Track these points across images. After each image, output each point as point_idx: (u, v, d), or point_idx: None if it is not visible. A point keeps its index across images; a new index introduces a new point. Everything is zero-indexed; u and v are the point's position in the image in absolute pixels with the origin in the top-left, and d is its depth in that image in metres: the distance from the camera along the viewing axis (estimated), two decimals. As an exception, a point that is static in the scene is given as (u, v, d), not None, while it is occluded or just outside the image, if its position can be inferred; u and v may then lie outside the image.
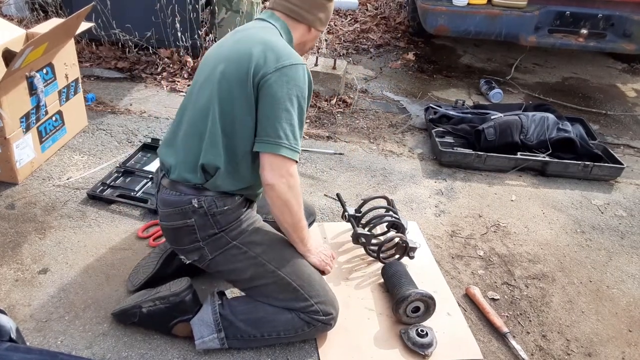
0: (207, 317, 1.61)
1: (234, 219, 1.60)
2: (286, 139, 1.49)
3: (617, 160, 2.83)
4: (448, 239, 2.29)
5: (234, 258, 1.61)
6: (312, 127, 3.06)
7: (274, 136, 1.48)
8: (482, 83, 3.75)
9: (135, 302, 1.65)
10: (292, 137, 1.50)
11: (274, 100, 1.49)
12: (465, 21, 3.43)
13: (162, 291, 1.66)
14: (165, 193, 1.60)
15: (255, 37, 1.56)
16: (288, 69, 1.49)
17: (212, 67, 1.58)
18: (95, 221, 2.14)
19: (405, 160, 2.85)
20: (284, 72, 1.49)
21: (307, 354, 1.68)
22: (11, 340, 1.25)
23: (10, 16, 3.82)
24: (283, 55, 1.51)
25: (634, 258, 2.30)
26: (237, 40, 1.59)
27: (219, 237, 1.59)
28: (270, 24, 1.63)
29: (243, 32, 1.63)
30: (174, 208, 1.58)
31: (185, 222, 1.57)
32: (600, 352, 1.83)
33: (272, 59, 1.50)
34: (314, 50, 4.03)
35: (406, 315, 1.78)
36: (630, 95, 3.99)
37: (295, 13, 1.64)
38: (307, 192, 2.48)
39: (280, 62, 1.49)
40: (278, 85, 1.49)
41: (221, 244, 1.59)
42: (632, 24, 3.39)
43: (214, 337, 1.60)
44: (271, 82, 1.48)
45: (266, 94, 1.49)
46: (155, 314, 1.63)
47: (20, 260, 1.92)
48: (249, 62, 1.50)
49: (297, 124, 1.52)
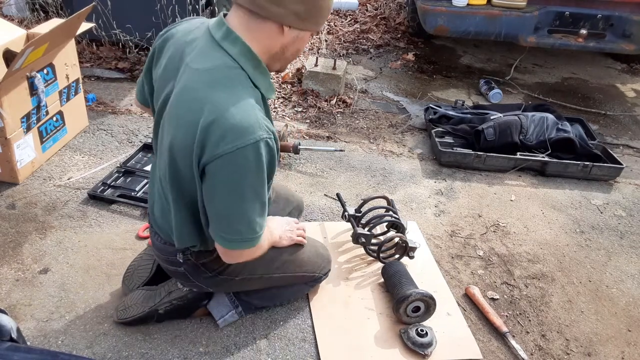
0: (222, 299, 1.72)
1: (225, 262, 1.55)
2: (240, 234, 1.30)
3: (617, 161, 2.83)
4: (448, 238, 2.30)
5: (237, 285, 1.66)
6: (312, 127, 3.06)
7: (228, 232, 1.30)
8: (482, 83, 3.76)
9: (149, 308, 1.67)
10: (248, 228, 1.30)
11: (221, 195, 1.26)
12: (465, 22, 3.43)
13: (175, 290, 1.68)
14: (154, 237, 1.58)
15: (201, 92, 1.22)
16: (232, 155, 1.18)
17: (161, 123, 1.37)
18: (96, 221, 2.14)
19: (405, 160, 2.86)
20: (228, 161, 1.19)
21: (307, 354, 1.68)
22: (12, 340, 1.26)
23: (11, 16, 3.82)
24: (228, 133, 1.17)
25: (634, 258, 2.30)
26: (181, 92, 1.26)
27: (215, 277, 1.58)
28: (223, 53, 1.26)
29: (188, 76, 1.26)
30: (163, 254, 1.57)
31: (176, 269, 1.57)
32: (600, 351, 1.83)
33: (214, 141, 1.18)
34: (314, 51, 4.04)
35: (406, 315, 1.78)
36: (630, 95, 3.99)
37: (257, 5, 1.23)
38: (307, 192, 2.48)
39: (221, 147, 1.18)
40: (222, 177, 1.22)
41: (219, 281, 1.60)
42: (632, 24, 3.39)
43: (232, 313, 1.73)
44: (214, 172, 1.22)
45: (210, 185, 1.26)
46: (174, 311, 1.69)
47: (21, 260, 1.92)
48: (193, 137, 1.21)
49: (254, 211, 1.29)
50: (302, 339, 1.74)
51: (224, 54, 1.26)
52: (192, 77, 1.25)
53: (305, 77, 3.36)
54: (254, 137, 1.19)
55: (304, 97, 3.32)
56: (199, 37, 1.31)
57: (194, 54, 1.28)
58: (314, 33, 1.35)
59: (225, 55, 1.26)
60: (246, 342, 1.69)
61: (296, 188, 2.50)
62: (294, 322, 1.79)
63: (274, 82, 3.44)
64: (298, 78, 3.47)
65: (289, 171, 2.63)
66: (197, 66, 1.26)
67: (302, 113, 3.19)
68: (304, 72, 3.37)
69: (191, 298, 1.69)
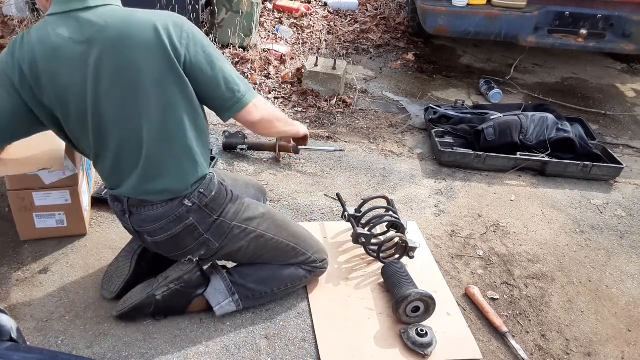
0: (219, 285, 1.72)
1: (224, 200, 1.64)
2: (245, 84, 1.53)
3: (617, 161, 2.83)
4: (448, 238, 2.30)
5: (236, 238, 1.67)
6: (312, 127, 3.06)
7: (239, 89, 1.52)
8: (482, 83, 3.76)
9: (147, 294, 1.67)
10: (243, 80, 1.53)
11: (216, 60, 1.49)
12: (465, 22, 3.43)
13: (172, 274, 1.69)
14: (147, 210, 1.57)
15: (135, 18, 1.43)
16: (193, 33, 1.48)
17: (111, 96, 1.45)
18: (96, 221, 2.14)
19: (405, 160, 2.86)
20: (194, 36, 1.47)
21: (307, 354, 1.68)
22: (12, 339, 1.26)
23: (11, 16, 3.82)
24: (178, 24, 1.48)
25: (634, 258, 2.30)
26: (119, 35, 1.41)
27: (219, 223, 1.63)
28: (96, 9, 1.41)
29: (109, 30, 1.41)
30: (166, 218, 1.57)
31: (184, 224, 1.58)
32: (600, 351, 1.83)
33: (177, 34, 1.45)
34: (314, 51, 4.04)
35: (406, 315, 1.78)
36: (630, 95, 3.99)
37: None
38: (307, 192, 2.48)
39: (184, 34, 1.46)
40: (203, 48, 1.48)
41: (223, 229, 1.64)
42: (632, 24, 3.39)
43: (229, 300, 1.73)
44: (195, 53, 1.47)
45: (200, 63, 1.47)
46: (172, 297, 1.68)
47: (21, 260, 1.92)
48: (163, 47, 1.42)
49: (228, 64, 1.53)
50: (302, 339, 1.74)
51: (98, 8, 1.41)
52: (108, 32, 1.39)
53: (305, 77, 3.36)
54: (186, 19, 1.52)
55: (304, 97, 3.32)
56: (62, 23, 1.40)
57: (83, 28, 1.39)
58: None
59: (100, 7, 1.42)
60: (246, 342, 1.69)
61: (296, 188, 2.50)
62: (294, 322, 1.79)
63: (274, 82, 3.45)
64: (298, 78, 3.47)
65: (289, 171, 2.63)
66: (99, 26, 1.39)
67: (302, 113, 3.19)
68: (304, 72, 3.37)
69: (188, 280, 1.68)
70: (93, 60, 1.38)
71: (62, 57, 1.38)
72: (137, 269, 1.79)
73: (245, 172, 2.57)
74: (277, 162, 2.68)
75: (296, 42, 4.15)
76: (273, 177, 2.57)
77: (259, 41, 3.92)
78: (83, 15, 1.39)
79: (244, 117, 1.55)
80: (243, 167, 2.61)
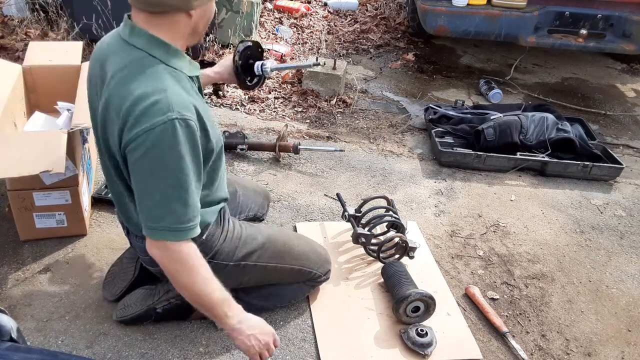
0: None
1: (216, 241, 1.56)
2: (163, 220, 1.26)
3: (617, 160, 2.83)
4: (448, 238, 2.30)
5: (236, 275, 1.64)
6: (312, 127, 3.06)
7: (150, 218, 1.27)
8: (482, 83, 3.76)
9: (147, 307, 1.67)
10: (171, 215, 1.26)
11: (139, 176, 1.27)
12: (465, 22, 3.43)
13: (173, 289, 1.63)
14: (137, 240, 1.53)
15: (121, 91, 1.25)
16: (144, 137, 1.21)
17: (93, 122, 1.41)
18: (96, 221, 2.14)
19: (405, 160, 2.86)
20: (140, 143, 1.22)
21: (307, 354, 1.68)
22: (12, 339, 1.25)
23: (11, 16, 3.82)
24: (139, 117, 1.21)
25: (633, 258, 2.30)
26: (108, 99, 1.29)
27: (212, 265, 1.52)
28: (131, 48, 1.28)
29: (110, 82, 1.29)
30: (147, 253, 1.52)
31: None
32: (600, 351, 1.83)
33: (129, 126, 1.23)
34: (314, 51, 4.04)
35: (406, 315, 1.78)
36: (630, 95, 3.99)
37: (157, 5, 1.24)
38: (307, 192, 2.48)
39: (133, 131, 1.21)
40: (137, 159, 1.24)
41: (217, 269, 1.54)
42: (632, 24, 3.39)
43: None
44: (130, 155, 1.25)
45: (131, 169, 1.28)
46: (173, 310, 1.68)
47: (21, 260, 1.92)
48: (119, 130, 1.25)
49: (176, 199, 1.26)
50: (302, 339, 1.74)
51: (133, 48, 1.28)
52: (111, 82, 1.28)
53: (305, 77, 3.36)
54: (162, 118, 1.20)
55: (304, 97, 3.32)
56: (112, 41, 1.35)
57: (109, 60, 1.31)
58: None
59: (133, 49, 1.28)
60: (246, 342, 1.69)
61: (296, 188, 2.50)
62: (294, 322, 1.79)
63: (274, 82, 3.45)
64: (298, 78, 3.47)
65: (289, 171, 2.63)
66: (113, 69, 1.28)
67: (302, 113, 3.19)
68: (304, 72, 3.37)
69: None
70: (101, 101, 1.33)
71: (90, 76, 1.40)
72: (141, 274, 1.78)
73: (245, 172, 2.57)
74: (277, 162, 2.68)
75: (296, 42, 4.15)
76: (273, 177, 2.57)
77: (259, 41, 3.91)
78: (120, 44, 1.32)
79: (147, 244, 1.33)
80: (243, 167, 2.61)
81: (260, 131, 2.90)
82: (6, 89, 2.05)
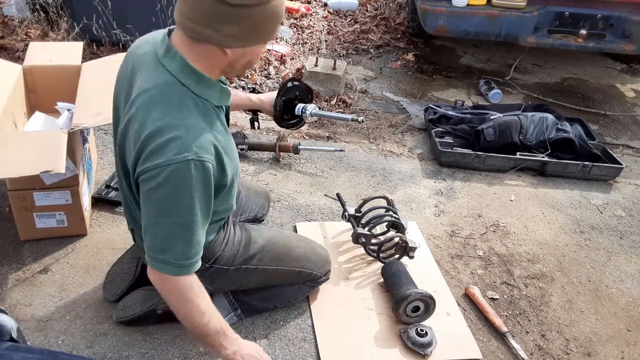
0: (221, 301, 1.71)
1: (218, 247, 1.56)
2: (162, 253, 1.25)
3: (616, 160, 2.84)
4: (447, 238, 2.30)
5: (236, 278, 1.65)
6: (312, 127, 3.06)
7: (154, 249, 1.26)
8: (482, 83, 3.76)
9: (147, 308, 1.67)
10: (180, 250, 1.25)
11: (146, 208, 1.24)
12: (465, 22, 3.43)
13: None
14: (139, 239, 1.55)
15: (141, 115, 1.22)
16: (155, 172, 1.18)
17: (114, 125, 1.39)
18: (97, 221, 2.15)
19: (405, 160, 2.86)
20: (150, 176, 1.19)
21: (307, 354, 1.69)
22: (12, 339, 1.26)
23: (12, 16, 3.82)
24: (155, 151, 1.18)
25: (633, 258, 2.30)
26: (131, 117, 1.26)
27: (213, 270, 1.57)
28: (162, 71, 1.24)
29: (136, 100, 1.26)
30: None
31: None
32: (600, 351, 1.84)
33: (143, 157, 1.20)
34: (314, 51, 4.04)
35: (406, 314, 1.78)
36: (629, 95, 3.99)
37: (192, 30, 1.20)
38: (307, 192, 2.49)
39: (147, 164, 1.19)
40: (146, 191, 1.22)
41: (217, 274, 1.59)
42: (632, 24, 3.39)
43: (231, 315, 1.73)
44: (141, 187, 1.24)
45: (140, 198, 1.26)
46: (173, 312, 1.65)
47: (22, 260, 1.92)
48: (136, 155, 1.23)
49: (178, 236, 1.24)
50: (302, 339, 1.74)
51: (164, 71, 1.24)
52: (136, 101, 1.25)
53: (305, 77, 3.36)
54: (178, 157, 1.17)
55: (304, 97, 3.32)
56: (148, 51, 1.31)
57: (140, 72, 1.28)
58: (266, 43, 1.29)
59: (164, 72, 1.24)
60: (246, 342, 1.69)
61: (296, 188, 2.50)
62: (294, 322, 1.80)
63: (274, 82, 3.45)
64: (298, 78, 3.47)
65: (289, 171, 2.63)
66: (140, 86, 1.25)
67: (302, 113, 3.19)
68: (304, 72, 3.37)
69: None
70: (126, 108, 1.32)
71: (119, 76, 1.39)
72: (142, 274, 1.78)
73: (245, 172, 2.58)
74: (277, 162, 2.68)
75: (296, 42, 4.15)
76: (273, 177, 2.57)
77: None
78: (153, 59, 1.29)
79: (148, 269, 1.32)
80: (243, 167, 2.61)
81: (260, 131, 2.90)
82: (6, 89, 2.06)
